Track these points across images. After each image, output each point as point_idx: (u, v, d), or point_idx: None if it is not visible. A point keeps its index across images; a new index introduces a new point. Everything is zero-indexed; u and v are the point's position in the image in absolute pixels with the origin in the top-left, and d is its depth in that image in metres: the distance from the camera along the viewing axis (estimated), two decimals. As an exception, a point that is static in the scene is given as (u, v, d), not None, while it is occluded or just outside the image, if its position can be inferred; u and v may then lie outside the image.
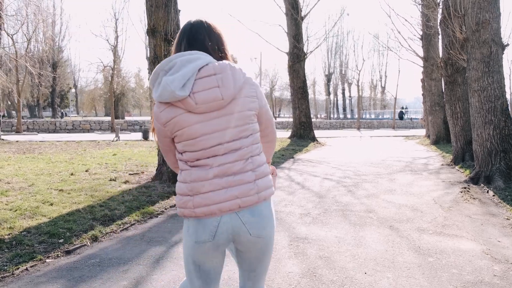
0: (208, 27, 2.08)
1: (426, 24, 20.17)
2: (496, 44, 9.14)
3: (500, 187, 8.50)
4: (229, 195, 1.95)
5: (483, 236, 5.45)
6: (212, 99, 1.90)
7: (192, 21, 2.10)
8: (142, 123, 30.90)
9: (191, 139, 1.97)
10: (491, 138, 9.19)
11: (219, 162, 1.96)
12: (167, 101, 1.92)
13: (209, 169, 1.97)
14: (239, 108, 1.96)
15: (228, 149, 1.97)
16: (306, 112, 21.00)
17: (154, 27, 8.32)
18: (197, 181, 1.98)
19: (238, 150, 1.98)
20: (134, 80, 70.63)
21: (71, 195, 6.98)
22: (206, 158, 1.98)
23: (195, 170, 1.99)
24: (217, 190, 1.96)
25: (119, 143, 18.00)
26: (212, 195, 1.96)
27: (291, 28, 20.59)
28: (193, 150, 1.99)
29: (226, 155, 1.97)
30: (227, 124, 1.95)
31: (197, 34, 2.05)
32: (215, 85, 1.91)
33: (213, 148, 1.96)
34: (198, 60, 1.94)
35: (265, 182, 2.03)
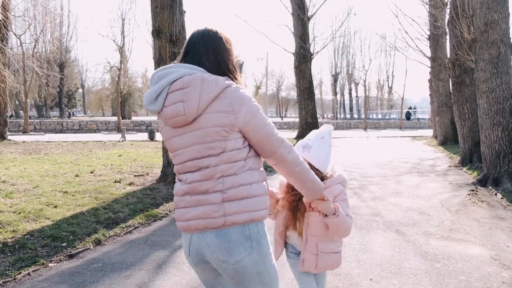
0: (210, 37, 1.96)
1: (433, 24, 20.02)
2: (504, 45, 9.02)
3: (508, 190, 8.38)
4: (193, 214, 1.88)
5: (491, 240, 5.36)
6: (175, 114, 1.84)
7: (196, 31, 2.01)
8: (149, 123, 30.93)
9: (172, 152, 1.96)
10: (500, 140, 9.07)
11: (190, 179, 1.89)
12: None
13: (182, 184, 1.93)
14: (206, 124, 1.82)
15: (197, 167, 1.88)
16: (312, 113, 20.93)
17: (159, 28, 8.29)
18: (176, 195, 1.97)
19: (206, 168, 1.86)
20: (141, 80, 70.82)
21: (75, 197, 6.96)
22: (182, 173, 1.94)
23: (177, 183, 1.99)
24: (187, 208, 1.91)
25: (125, 143, 18.01)
26: (184, 211, 1.92)
27: (297, 28, 20.53)
28: (175, 163, 1.97)
29: (196, 173, 1.88)
30: (195, 140, 1.86)
31: (194, 45, 1.97)
32: (179, 99, 1.83)
33: (186, 163, 1.90)
34: (172, 74, 1.87)
35: (238, 206, 1.85)
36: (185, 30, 8.67)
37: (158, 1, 8.21)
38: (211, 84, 1.82)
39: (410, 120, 46.28)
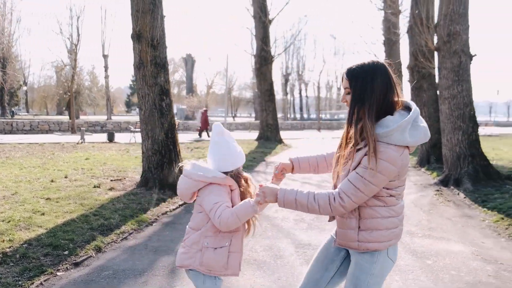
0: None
1: (391, 31, 20.92)
2: (465, 55, 9.71)
3: (469, 190, 9.02)
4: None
5: (467, 238, 5.85)
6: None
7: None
8: (104, 124, 30.26)
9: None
10: (460, 143, 9.75)
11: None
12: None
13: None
14: None
15: None
16: (273, 114, 21.31)
17: (140, 32, 8.29)
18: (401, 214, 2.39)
19: None
20: (88, 78, 68.85)
21: (60, 204, 6.88)
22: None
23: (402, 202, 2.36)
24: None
25: (86, 145, 17.61)
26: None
27: (259, 31, 20.83)
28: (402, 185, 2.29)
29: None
30: None
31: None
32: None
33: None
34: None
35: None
36: (165, 34, 8.73)
37: (139, 5, 8.21)
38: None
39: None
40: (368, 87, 2.14)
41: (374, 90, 2.13)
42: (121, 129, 29.79)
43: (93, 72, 70.42)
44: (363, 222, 2.22)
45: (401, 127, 2.07)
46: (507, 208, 7.17)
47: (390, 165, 2.07)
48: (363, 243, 2.21)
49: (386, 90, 2.16)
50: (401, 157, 2.10)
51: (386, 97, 2.17)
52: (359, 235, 2.22)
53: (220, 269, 2.42)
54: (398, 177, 2.16)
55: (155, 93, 8.42)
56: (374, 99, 2.14)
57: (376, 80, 2.14)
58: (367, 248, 2.21)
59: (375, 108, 2.14)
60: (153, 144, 8.42)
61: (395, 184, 2.17)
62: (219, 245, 2.41)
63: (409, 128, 2.10)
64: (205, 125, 26.07)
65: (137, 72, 8.49)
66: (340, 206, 2.13)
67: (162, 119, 8.46)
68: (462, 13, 9.65)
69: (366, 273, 2.23)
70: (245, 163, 10.33)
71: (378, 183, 2.10)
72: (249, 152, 16.35)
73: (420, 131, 2.13)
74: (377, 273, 2.23)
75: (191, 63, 68.52)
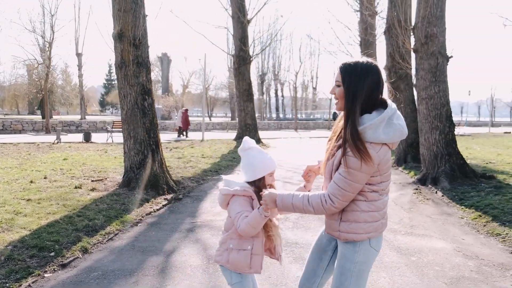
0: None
1: (364, 31, 21.22)
2: (442, 56, 9.94)
3: (446, 188, 9.25)
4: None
5: (448, 235, 6.02)
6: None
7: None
8: (79, 124, 29.75)
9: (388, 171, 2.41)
10: (437, 142, 9.98)
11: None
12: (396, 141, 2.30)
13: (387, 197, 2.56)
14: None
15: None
16: (251, 114, 21.36)
17: (122, 31, 8.22)
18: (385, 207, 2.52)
19: None
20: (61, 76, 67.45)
21: (42, 205, 6.77)
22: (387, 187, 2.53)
23: (386, 197, 2.47)
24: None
25: (62, 146, 17.29)
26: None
27: (237, 31, 20.83)
28: (387, 180, 2.42)
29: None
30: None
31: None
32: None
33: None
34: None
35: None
36: (147, 34, 8.67)
37: (121, 4, 8.13)
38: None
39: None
40: (359, 84, 2.25)
41: (364, 88, 2.25)
42: (97, 129, 29.37)
43: (66, 70, 69.11)
44: (344, 214, 2.36)
45: (374, 125, 2.19)
46: (484, 205, 7.38)
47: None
48: (343, 233, 2.37)
49: (374, 89, 2.28)
50: (378, 153, 2.21)
51: (373, 95, 2.28)
52: (340, 225, 2.38)
53: (244, 268, 2.61)
54: (379, 173, 2.27)
55: (137, 93, 8.37)
56: (363, 96, 2.25)
57: (368, 78, 2.26)
58: (346, 238, 2.37)
59: (361, 105, 2.26)
60: (135, 144, 8.36)
61: (377, 180, 2.30)
62: (242, 247, 2.59)
63: (383, 125, 2.21)
64: (186, 125, 25.96)
65: (118, 72, 8.41)
66: (331, 207, 2.29)
67: (144, 119, 8.41)
68: (439, 15, 9.88)
69: (350, 261, 2.38)
70: (225, 162, 10.45)
71: (359, 180, 2.23)
72: (229, 152, 16.35)
73: (395, 129, 2.24)
74: (360, 260, 2.38)
75: (167, 62, 67.95)
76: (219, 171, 11.54)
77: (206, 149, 16.86)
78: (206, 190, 8.99)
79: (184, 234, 5.85)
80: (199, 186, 9.42)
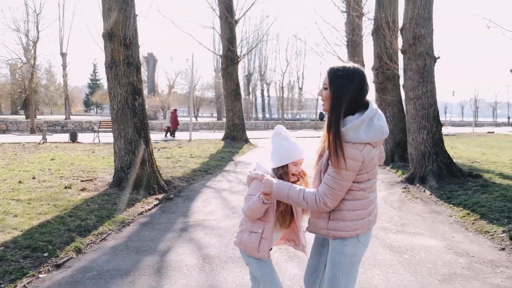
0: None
1: (352, 32, 21.38)
2: (430, 57, 10.08)
3: (434, 187, 9.38)
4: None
5: (438, 232, 6.11)
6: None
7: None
8: (64, 124, 29.42)
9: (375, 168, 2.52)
10: (425, 142, 10.12)
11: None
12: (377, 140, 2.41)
13: (374, 195, 2.71)
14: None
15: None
16: (239, 114, 21.35)
17: (112, 31, 8.17)
18: (374, 203, 2.67)
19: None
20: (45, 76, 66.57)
21: (32, 206, 6.70)
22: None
23: (374, 194, 2.62)
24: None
25: (48, 146, 17.10)
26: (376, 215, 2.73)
27: (225, 31, 20.82)
28: (374, 178, 2.56)
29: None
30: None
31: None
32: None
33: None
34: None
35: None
36: (138, 34, 8.64)
37: (111, 3, 8.09)
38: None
39: (323, 120, 48.48)
40: (345, 87, 2.40)
41: (350, 91, 2.40)
42: (82, 129, 29.10)
43: (50, 70, 68.26)
44: (333, 213, 2.50)
45: (354, 126, 2.34)
46: (472, 204, 7.51)
47: (351, 160, 2.33)
48: (331, 231, 2.51)
49: (359, 92, 2.43)
50: (362, 152, 2.35)
51: (357, 98, 2.43)
52: (328, 223, 2.52)
53: (252, 251, 2.70)
54: (366, 171, 2.42)
55: (128, 93, 8.33)
56: (348, 99, 2.40)
57: (353, 82, 2.41)
58: (334, 236, 2.52)
59: (345, 108, 2.40)
60: (125, 144, 8.32)
61: (365, 177, 2.44)
62: (253, 230, 2.71)
63: (364, 126, 2.35)
64: (175, 125, 25.88)
65: (108, 71, 8.36)
66: (324, 206, 2.42)
67: (134, 119, 8.37)
68: (426, 17, 10.01)
69: (339, 254, 2.53)
70: (214, 162, 10.48)
71: (346, 178, 2.37)
72: (217, 152, 16.35)
73: (375, 129, 2.37)
74: (350, 253, 2.51)
75: (153, 62, 67.61)
76: (208, 171, 11.54)
77: (194, 149, 16.83)
78: (196, 190, 8.98)
79: (177, 234, 5.85)
80: (189, 186, 9.42)
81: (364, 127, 2.35)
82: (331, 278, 2.55)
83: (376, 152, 2.46)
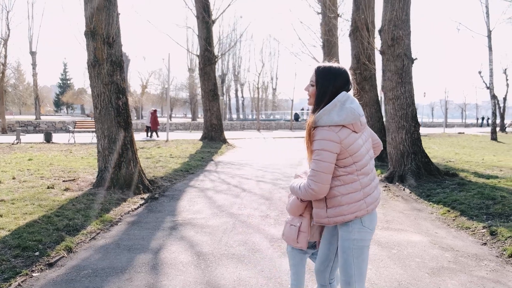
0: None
1: (328, 33, 21.64)
2: (408, 58, 10.34)
3: (413, 185, 9.62)
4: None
5: (421, 229, 6.30)
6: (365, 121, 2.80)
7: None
8: (37, 124, 28.78)
9: (355, 153, 2.67)
10: (404, 141, 10.37)
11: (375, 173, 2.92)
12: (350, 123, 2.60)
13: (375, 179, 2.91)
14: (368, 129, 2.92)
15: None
16: (217, 115, 21.32)
17: (95, 29, 8.09)
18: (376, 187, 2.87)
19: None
20: (13, 75, 64.87)
21: (16, 205, 6.58)
22: (371, 169, 2.85)
23: (372, 177, 2.82)
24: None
25: (23, 146, 16.72)
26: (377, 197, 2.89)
27: (202, 31, 20.76)
28: (361, 161, 2.73)
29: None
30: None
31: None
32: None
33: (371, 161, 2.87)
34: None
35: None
36: (120, 32, 8.58)
37: (94, 2, 8.01)
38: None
39: (298, 121, 48.88)
40: (329, 85, 2.69)
41: (334, 88, 2.68)
42: (56, 129, 28.54)
43: (19, 69, 66.58)
44: (329, 201, 2.69)
45: (326, 110, 2.61)
46: (451, 201, 7.75)
47: (327, 141, 2.55)
48: (332, 218, 2.69)
49: (342, 89, 2.70)
50: (338, 133, 2.57)
51: (339, 92, 2.70)
52: (327, 212, 2.70)
53: (292, 242, 2.96)
54: (348, 153, 2.61)
55: (111, 92, 8.26)
56: (331, 95, 2.68)
57: (337, 80, 2.69)
58: (335, 222, 2.70)
59: (327, 102, 2.67)
60: (109, 143, 8.25)
61: (349, 161, 2.62)
62: (293, 223, 2.97)
63: (336, 110, 2.59)
64: (155, 125, 25.68)
65: (91, 70, 8.27)
66: (310, 190, 2.61)
67: (118, 118, 8.31)
68: (404, 19, 10.27)
69: (347, 240, 2.70)
70: (194, 162, 10.56)
71: (326, 158, 2.56)
72: (196, 152, 16.31)
73: (347, 111, 2.60)
74: (356, 238, 2.69)
75: (126, 62, 66.72)
76: (189, 171, 11.52)
77: (173, 149, 16.75)
78: (180, 189, 8.97)
79: (167, 232, 5.85)
80: (173, 186, 9.40)
81: (336, 110, 2.59)
82: (344, 264, 2.72)
83: (358, 136, 2.66)
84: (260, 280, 4.15)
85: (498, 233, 5.78)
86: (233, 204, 7.60)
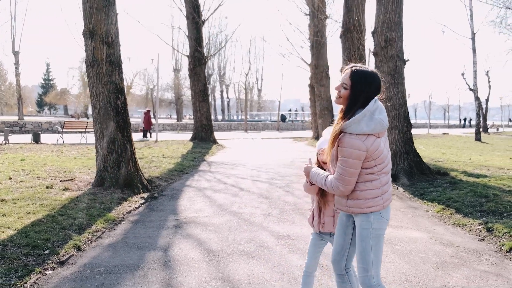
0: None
1: (317, 34, 21.85)
2: (400, 60, 10.55)
3: (406, 184, 9.82)
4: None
5: (420, 226, 6.47)
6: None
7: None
8: (23, 125, 28.44)
9: (384, 157, 2.84)
10: (396, 141, 10.57)
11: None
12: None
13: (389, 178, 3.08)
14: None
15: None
16: (207, 115, 21.36)
17: (94, 29, 8.09)
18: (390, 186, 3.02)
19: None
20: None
21: (19, 205, 6.56)
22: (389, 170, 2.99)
23: (387, 177, 2.95)
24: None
25: (12, 146, 16.54)
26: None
27: (192, 32, 20.78)
28: (387, 163, 2.89)
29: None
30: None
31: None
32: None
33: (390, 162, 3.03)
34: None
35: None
36: (119, 32, 8.60)
37: (93, 1, 8.01)
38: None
39: (285, 122, 49.17)
40: (364, 90, 2.77)
41: (368, 93, 2.78)
42: (42, 130, 28.22)
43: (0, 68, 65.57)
44: (350, 193, 2.85)
45: (356, 120, 2.70)
46: (445, 199, 7.95)
47: (354, 150, 2.68)
48: (350, 208, 2.87)
49: (374, 93, 2.81)
50: (365, 142, 2.68)
51: (371, 98, 2.79)
52: (347, 202, 2.87)
53: (310, 224, 3.39)
54: (372, 158, 2.74)
55: (110, 91, 8.28)
56: (364, 100, 2.76)
57: (372, 86, 2.79)
58: (353, 212, 2.88)
59: (359, 107, 2.77)
60: (108, 143, 8.26)
61: (372, 164, 2.76)
62: (311, 208, 3.40)
63: (365, 119, 2.69)
64: (148, 125, 25.58)
65: (90, 70, 8.27)
66: (339, 191, 2.82)
67: (117, 118, 8.33)
68: (397, 21, 10.48)
69: (366, 228, 2.86)
70: (187, 162, 10.69)
71: (352, 165, 2.71)
72: (188, 152, 16.34)
73: (375, 122, 2.71)
74: (375, 227, 2.86)
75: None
76: (184, 171, 11.57)
77: (164, 150, 16.74)
78: (178, 189, 9.03)
79: (173, 231, 5.91)
80: (170, 185, 9.44)
81: (365, 121, 2.69)
82: (362, 251, 2.87)
83: (382, 140, 2.79)
84: (274, 275, 4.25)
85: (495, 229, 5.98)
86: (233, 203, 7.68)
